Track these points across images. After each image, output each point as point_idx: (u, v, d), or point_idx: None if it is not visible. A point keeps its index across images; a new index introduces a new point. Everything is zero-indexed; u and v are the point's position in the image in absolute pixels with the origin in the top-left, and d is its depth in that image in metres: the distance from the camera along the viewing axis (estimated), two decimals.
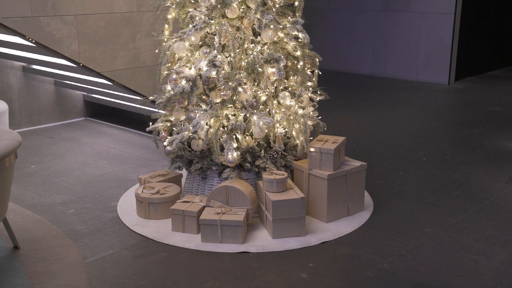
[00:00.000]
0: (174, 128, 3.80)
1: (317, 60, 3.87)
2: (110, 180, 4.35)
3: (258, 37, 3.59)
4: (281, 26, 3.50)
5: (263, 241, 3.33)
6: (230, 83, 3.45)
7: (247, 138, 3.60)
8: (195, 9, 3.62)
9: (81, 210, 3.80)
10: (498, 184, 4.27)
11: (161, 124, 3.82)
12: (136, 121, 5.85)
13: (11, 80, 5.64)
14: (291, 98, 3.66)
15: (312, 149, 3.56)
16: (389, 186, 4.25)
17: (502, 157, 4.90)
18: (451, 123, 6.09)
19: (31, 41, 4.32)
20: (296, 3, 3.75)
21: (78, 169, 4.60)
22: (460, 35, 8.00)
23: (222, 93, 3.46)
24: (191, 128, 3.45)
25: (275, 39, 3.52)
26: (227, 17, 3.51)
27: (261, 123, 3.43)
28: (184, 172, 4.29)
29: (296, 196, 3.35)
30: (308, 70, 3.84)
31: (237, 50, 3.51)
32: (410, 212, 3.77)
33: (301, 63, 3.65)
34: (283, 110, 3.58)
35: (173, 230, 3.45)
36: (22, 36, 4.27)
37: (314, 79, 3.89)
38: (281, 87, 3.70)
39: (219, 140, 3.49)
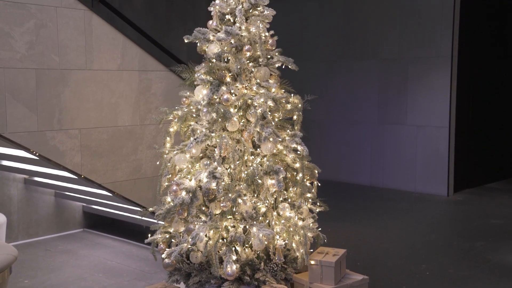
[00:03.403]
0: (172, 240, 3.76)
1: (316, 171, 3.93)
2: None
3: (258, 149, 3.67)
4: (280, 139, 3.59)
5: None
6: (229, 195, 3.47)
7: (246, 250, 3.55)
8: (196, 122, 3.74)
9: None
10: None
11: (159, 236, 3.79)
12: (135, 232, 5.79)
13: (12, 192, 5.67)
14: (291, 210, 3.66)
15: (312, 262, 3.50)
16: None
17: (507, 272, 4.78)
18: (452, 235, 6.02)
19: (35, 154, 4.41)
20: (295, 117, 3.87)
21: (72, 283, 4.48)
22: (456, 148, 8.15)
23: (221, 205, 3.47)
24: (190, 240, 3.42)
25: (275, 151, 3.59)
26: (227, 130, 3.62)
27: (260, 235, 3.40)
28: (182, 285, 4.18)
29: None
30: (308, 181, 3.88)
31: (237, 162, 3.57)
32: None
33: (300, 174, 3.69)
34: (282, 221, 3.57)
35: None
36: (27, 150, 4.36)
37: (313, 190, 3.91)
38: (281, 199, 3.72)
39: (218, 252, 3.44)
